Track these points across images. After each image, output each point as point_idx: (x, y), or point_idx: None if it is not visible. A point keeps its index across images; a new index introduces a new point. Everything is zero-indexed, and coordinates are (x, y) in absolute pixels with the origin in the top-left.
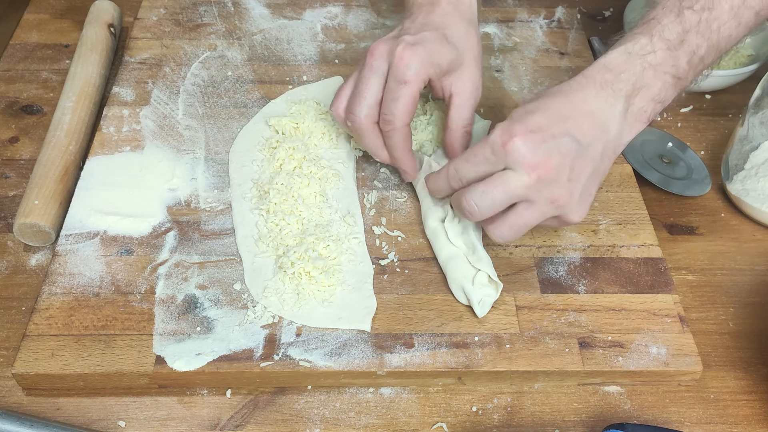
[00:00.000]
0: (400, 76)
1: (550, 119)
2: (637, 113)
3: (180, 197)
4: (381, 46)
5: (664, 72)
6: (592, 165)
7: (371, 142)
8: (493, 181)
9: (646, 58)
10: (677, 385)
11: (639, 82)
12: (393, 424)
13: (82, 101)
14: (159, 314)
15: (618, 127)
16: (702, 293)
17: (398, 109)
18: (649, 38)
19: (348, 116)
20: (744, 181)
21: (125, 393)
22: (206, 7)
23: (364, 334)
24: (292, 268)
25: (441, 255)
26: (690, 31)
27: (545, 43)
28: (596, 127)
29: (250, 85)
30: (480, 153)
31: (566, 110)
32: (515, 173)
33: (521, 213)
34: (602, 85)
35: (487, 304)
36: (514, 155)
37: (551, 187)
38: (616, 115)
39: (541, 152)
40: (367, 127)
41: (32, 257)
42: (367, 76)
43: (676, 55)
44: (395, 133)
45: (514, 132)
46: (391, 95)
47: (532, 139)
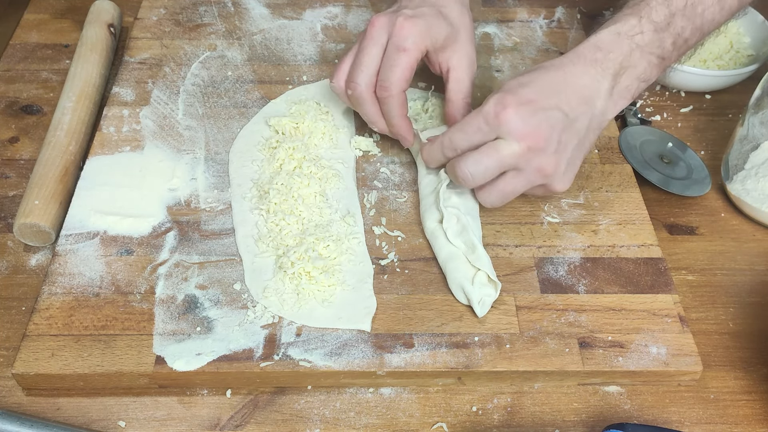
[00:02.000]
0: (399, 44)
1: (541, 92)
2: (622, 91)
3: (180, 197)
4: (381, 18)
5: (650, 53)
6: (577, 137)
7: (369, 111)
8: (485, 149)
9: (634, 39)
10: (677, 385)
11: (626, 62)
12: (393, 424)
13: (82, 101)
14: (159, 314)
15: (603, 103)
16: (702, 293)
17: (395, 75)
18: (638, 19)
19: (349, 85)
20: (744, 181)
21: (125, 393)
22: (206, 7)
23: (364, 334)
24: (292, 268)
25: (440, 255)
26: (676, 14)
27: (545, 43)
28: (583, 102)
29: (250, 85)
30: (473, 123)
31: (557, 84)
32: (506, 142)
33: (510, 180)
34: (592, 63)
35: (486, 303)
36: (506, 125)
37: (539, 157)
38: (602, 91)
39: (532, 123)
40: (367, 96)
41: (32, 257)
42: (367, 46)
43: (662, 36)
44: (391, 99)
45: (507, 103)
46: (389, 62)
47: (524, 111)
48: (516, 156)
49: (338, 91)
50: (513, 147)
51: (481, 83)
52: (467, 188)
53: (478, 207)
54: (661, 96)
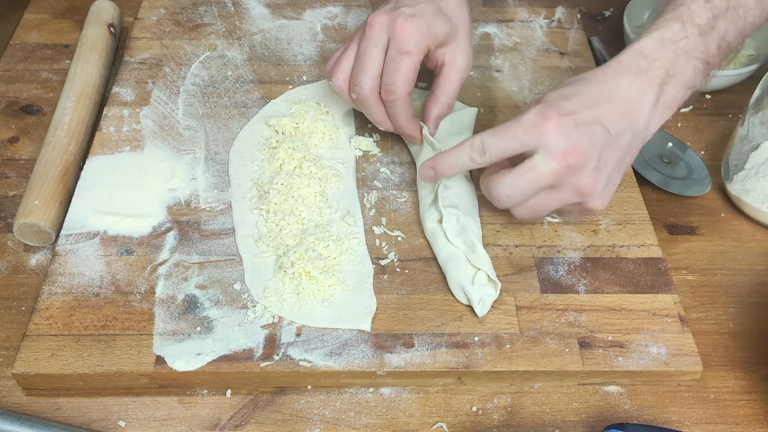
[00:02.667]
0: (402, 47)
1: (583, 105)
2: (668, 100)
3: (180, 197)
4: (380, 17)
5: (696, 58)
6: (619, 154)
7: (375, 111)
8: (523, 170)
9: (679, 44)
10: (677, 385)
11: (672, 69)
12: (393, 424)
13: (82, 101)
14: (159, 314)
15: (648, 115)
16: (702, 293)
17: (400, 78)
18: (681, 24)
19: (353, 88)
20: (744, 181)
21: (125, 393)
22: (206, 7)
23: (364, 334)
24: (292, 268)
25: (440, 255)
26: (719, 17)
27: (545, 43)
28: (627, 116)
29: (250, 85)
30: (511, 130)
31: (599, 97)
32: (544, 160)
33: (544, 197)
34: (637, 73)
35: (486, 303)
36: (546, 138)
37: (578, 175)
38: (647, 103)
39: (573, 139)
40: (372, 99)
41: (32, 257)
42: (368, 48)
43: (707, 40)
44: (397, 102)
45: (548, 115)
46: (393, 65)
47: (565, 124)
48: (555, 174)
49: (338, 91)
50: (552, 165)
51: (481, 83)
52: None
53: (477, 207)
54: None
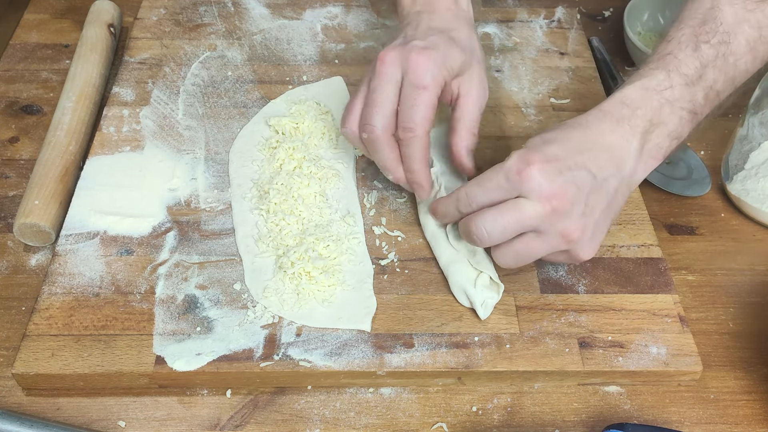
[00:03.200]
0: (418, 81)
1: (567, 150)
2: (652, 150)
3: (180, 197)
4: (390, 53)
5: (681, 108)
6: (606, 200)
7: (387, 156)
8: (505, 207)
9: (663, 94)
10: (677, 385)
11: (656, 119)
12: (393, 424)
13: (82, 101)
14: (159, 314)
15: (633, 163)
16: (702, 293)
17: (418, 115)
18: (667, 73)
19: (364, 128)
20: (744, 182)
21: (125, 393)
22: (206, 7)
23: (364, 334)
24: (292, 268)
25: (441, 258)
26: (708, 66)
27: (545, 43)
28: (612, 162)
29: (250, 85)
30: (494, 178)
31: (583, 143)
32: (529, 202)
33: (529, 243)
34: (618, 121)
35: (489, 306)
36: (529, 183)
37: (564, 220)
38: (631, 151)
39: (558, 183)
40: (384, 140)
41: (32, 257)
42: (380, 85)
43: (693, 90)
44: (415, 140)
45: (531, 160)
46: (410, 102)
47: (549, 169)
48: (538, 217)
49: (351, 137)
50: (536, 207)
51: None
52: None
53: None
54: None
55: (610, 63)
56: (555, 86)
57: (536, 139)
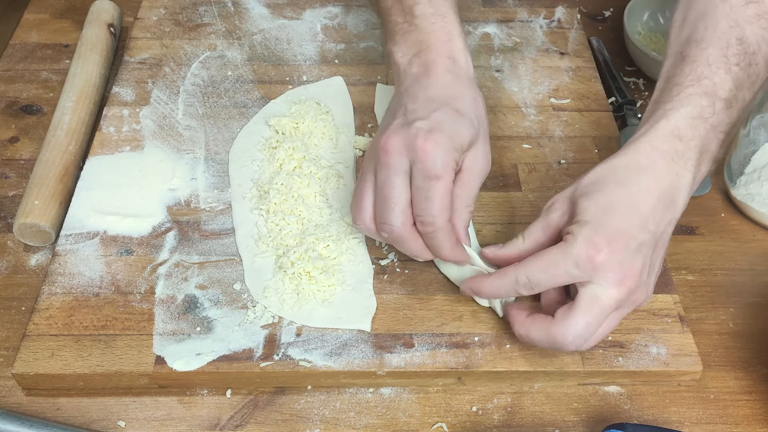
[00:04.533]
0: (430, 172)
1: (627, 217)
2: (700, 178)
3: (180, 197)
4: (394, 141)
5: (721, 131)
6: (663, 249)
7: (413, 247)
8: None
9: (709, 121)
10: (677, 385)
11: (704, 147)
12: (393, 424)
13: (82, 101)
14: (159, 314)
15: (685, 198)
16: (702, 293)
17: (435, 207)
18: (710, 99)
19: (382, 227)
20: (747, 186)
21: (125, 393)
22: (206, 7)
23: (364, 334)
24: (292, 268)
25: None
26: (741, 89)
27: (545, 43)
28: (667, 210)
29: (250, 85)
30: (561, 265)
31: (640, 199)
32: (602, 289)
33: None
34: (674, 159)
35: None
36: (601, 270)
37: (636, 293)
38: (684, 188)
39: (627, 262)
40: (406, 234)
41: (32, 257)
42: (389, 178)
43: (731, 112)
44: (438, 233)
45: (599, 246)
46: (424, 195)
47: (618, 249)
48: (617, 301)
49: (368, 232)
50: (613, 293)
51: (481, 83)
52: None
53: None
54: None
55: (610, 63)
56: (555, 86)
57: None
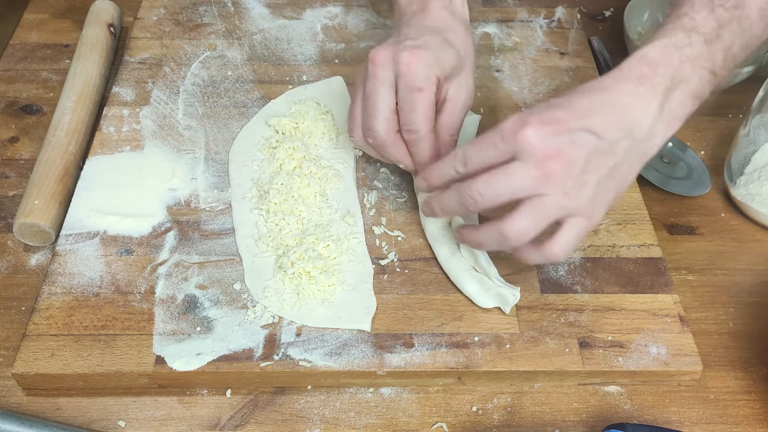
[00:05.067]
0: (413, 84)
1: (570, 113)
2: (675, 109)
3: (180, 197)
4: (382, 54)
5: (702, 66)
6: (612, 162)
7: (396, 153)
8: (497, 170)
9: (684, 51)
10: (677, 385)
11: (678, 76)
12: (393, 424)
13: (82, 101)
14: (159, 314)
15: (651, 124)
16: (702, 293)
17: (419, 116)
18: (686, 32)
19: (367, 133)
20: (747, 186)
21: (125, 393)
22: (206, 7)
23: (364, 334)
24: (292, 268)
25: (447, 264)
26: (724, 27)
27: (545, 43)
28: (624, 123)
29: (250, 85)
30: (489, 138)
31: (592, 105)
32: (522, 165)
33: (526, 212)
34: (639, 80)
35: (512, 301)
36: (522, 144)
37: (560, 183)
38: (651, 111)
39: (553, 144)
40: (389, 141)
41: (32, 257)
42: (375, 87)
43: (712, 49)
44: (421, 141)
45: (527, 121)
46: (408, 105)
47: (545, 130)
48: (531, 179)
49: (359, 144)
50: (529, 170)
51: (481, 83)
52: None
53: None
54: None
55: (610, 63)
56: (555, 86)
57: (542, 104)
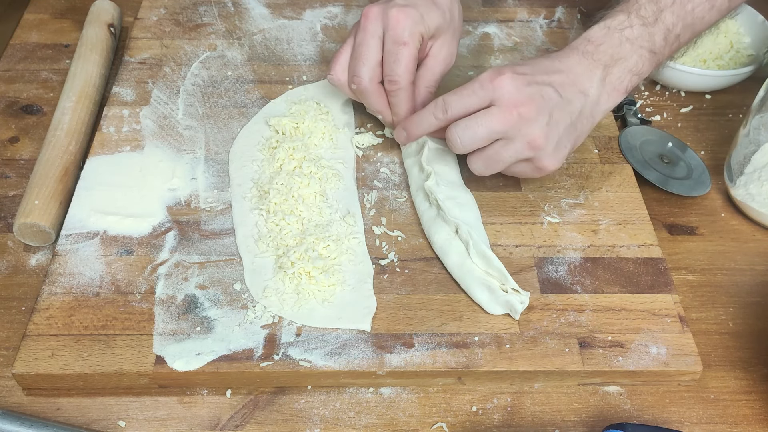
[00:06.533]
0: (398, 38)
1: (537, 70)
2: (614, 82)
3: (180, 197)
4: (374, 9)
5: (640, 46)
6: (570, 118)
7: (377, 102)
8: (476, 116)
9: (624, 32)
10: (677, 385)
11: (617, 54)
12: (393, 424)
13: (82, 101)
14: (159, 314)
15: (597, 91)
16: (702, 293)
17: (401, 68)
18: (627, 15)
19: (352, 79)
20: (747, 186)
21: (125, 393)
22: (206, 7)
23: (364, 334)
24: (292, 268)
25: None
26: (665, 10)
27: (545, 43)
28: (576, 87)
29: (250, 85)
30: (468, 87)
31: (551, 68)
32: (498, 110)
33: (498, 149)
34: (584, 54)
35: (522, 307)
36: (500, 90)
37: (530, 128)
38: (595, 80)
39: (526, 92)
40: (372, 89)
41: (32, 257)
42: (365, 39)
43: (651, 31)
44: (401, 92)
45: (503, 71)
46: (392, 57)
47: (519, 80)
48: (506, 122)
49: (337, 83)
50: (504, 114)
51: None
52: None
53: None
54: (661, 96)
55: None
56: None
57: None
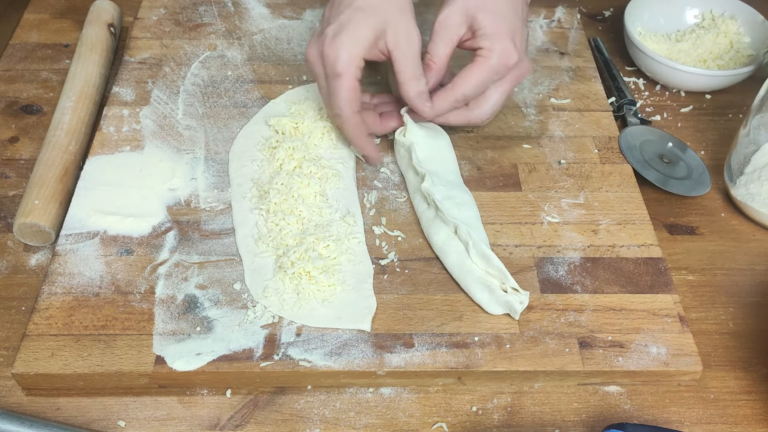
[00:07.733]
0: (332, 72)
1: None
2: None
3: (180, 197)
4: (311, 51)
5: None
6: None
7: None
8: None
9: None
10: (677, 385)
11: None
12: (393, 424)
13: (82, 101)
14: (159, 314)
15: None
16: (702, 293)
17: (339, 101)
18: None
19: (334, 119)
20: (747, 186)
21: (125, 393)
22: (206, 7)
23: (364, 334)
24: (292, 268)
25: (454, 269)
26: None
27: (545, 43)
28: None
29: (250, 85)
30: (487, 79)
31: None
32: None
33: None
34: None
35: (521, 308)
36: (514, 69)
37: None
38: None
39: (523, 55)
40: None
41: (32, 257)
42: (318, 82)
43: None
44: (346, 123)
45: (510, 52)
46: (332, 91)
47: (519, 50)
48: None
49: None
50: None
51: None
52: None
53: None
54: (661, 96)
55: (610, 63)
56: (555, 86)
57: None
